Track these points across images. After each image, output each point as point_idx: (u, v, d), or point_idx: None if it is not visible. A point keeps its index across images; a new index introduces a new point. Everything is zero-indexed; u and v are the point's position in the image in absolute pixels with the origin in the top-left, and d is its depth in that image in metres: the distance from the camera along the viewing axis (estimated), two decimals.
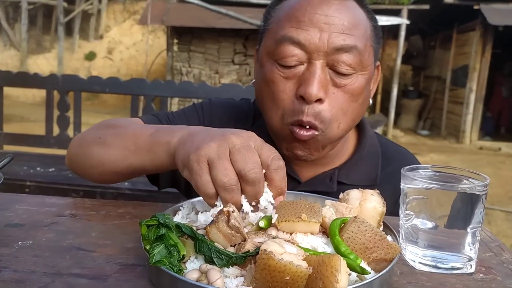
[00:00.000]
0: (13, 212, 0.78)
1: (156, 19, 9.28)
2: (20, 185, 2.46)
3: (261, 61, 0.86)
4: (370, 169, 0.94)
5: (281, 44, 0.79)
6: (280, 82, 0.81)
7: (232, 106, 1.04)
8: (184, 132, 0.70)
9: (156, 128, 0.78)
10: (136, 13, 15.61)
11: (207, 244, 0.53)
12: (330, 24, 0.77)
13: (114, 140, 0.81)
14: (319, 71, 0.78)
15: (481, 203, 0.60)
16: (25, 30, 13.42)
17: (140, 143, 0.76)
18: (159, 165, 0.74)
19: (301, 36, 0.77)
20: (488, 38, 9.09)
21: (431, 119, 11.30)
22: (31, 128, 6.05)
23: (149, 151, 0.75)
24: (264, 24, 0.88)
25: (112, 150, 0.80)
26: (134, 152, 0.77)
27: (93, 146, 0.84)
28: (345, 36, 0.77)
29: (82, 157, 0.87)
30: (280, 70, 0.80)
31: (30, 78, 3.15)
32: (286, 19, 0.80)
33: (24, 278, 0.55)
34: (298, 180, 0.92)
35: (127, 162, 0.78)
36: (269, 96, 0.83)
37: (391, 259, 0.55)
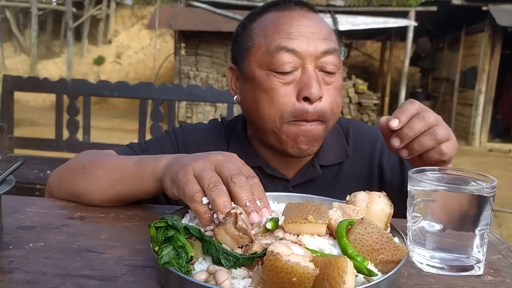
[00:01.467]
0: (24, 214, 0.79)
1: (163, 24, 9.35)
2: (30, 188, 2.49)
3: (250, 75, 0.93)
4: (339, 146, 1.04)
5: (276, 53, 0.88)
6: (280, 88, 0.89)
7: (203, 130, 1.10)
8: (170, 158, 0.78)
9: (140, 157, 0.84)
10: (144, 17, 15.75)
11: (215, 245, 0.54)
12: (314, 32, 0.89)
13: (99, 171, 0.85)
14: (314, 73, 0.88)
15: (489, 205, 0.60)
16: (35, 36, 13.60)
17: (126, 171, 0.81)
18: (147, 190, 0.79)
19: (294, 45, 0.88)
20: (497, 39, 9.01)
21: None
22: (41, 132, 6.12)
23: (135, 177, 0.80)
24: (244, 42, 0.95)
25: (97, 180, 0.84)
26: (121, 180, 0.81)
27: (77, 176, 0.87)
28: (327, 42, 0.90)
29: (65, 188, 0.88)
30: (278, 77, 0.89)
31: (40, 83, 3.19)
32: (276, 32, 0.90)
33: (35, 279, 0.56)
34: (287, 179, 1.01)
35: (114, 190, 0.82)
36: (268, 103, 0.90)
37: (398, 260, 0.55)
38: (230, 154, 0.70)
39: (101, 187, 0.83)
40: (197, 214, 0.62)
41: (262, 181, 0.98)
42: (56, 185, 0.91)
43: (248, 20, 0.98)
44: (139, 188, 0.80)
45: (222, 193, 0.61)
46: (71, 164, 0.93)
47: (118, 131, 8.72)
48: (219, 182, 0.62)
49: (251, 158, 1.00)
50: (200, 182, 0.64)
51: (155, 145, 1.05)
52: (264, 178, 1.00)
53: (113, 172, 0.83)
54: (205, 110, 9.70)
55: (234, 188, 0.62)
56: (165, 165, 0.75)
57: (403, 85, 9.83)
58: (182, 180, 0.65)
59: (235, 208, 0.57)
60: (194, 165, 0.66)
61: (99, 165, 0.87)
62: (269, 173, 1.00)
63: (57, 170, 0.95)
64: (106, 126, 8.96)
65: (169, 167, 0.73)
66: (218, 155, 0.68)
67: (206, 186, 0.62)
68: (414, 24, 9.38)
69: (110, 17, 15.71)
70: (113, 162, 0.86)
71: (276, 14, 0.93)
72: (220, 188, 0.61)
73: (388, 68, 12.15)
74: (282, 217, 0.59)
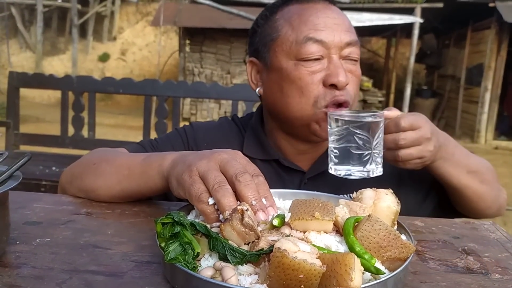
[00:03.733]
0: (31, 210, 0.79)
1: (168, 20, 9.34)
2: (36, 184, 2.50)
3: (277, 65, 0.94)
4: None
5: (305, 44, 0.91)
6: (307, 77, 0.91)
7: (213, 127, 1.11)
8: (175, 155, 0.77)
9: (147, 155, 0.85)
10: (148, 14, 15.75)
11: (221, 242, 0.54)
12: (338, 24, 0.93)
13: (107, 167, 0.86)
14: (339, 62, 0.92)
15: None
16: (40, 33, 13.64)
17: (133, 168, 0.82)
18: (153, 187, 0.79)
19: (322, 36, 0.91)
20: (504, 36, 8.92)
21: (445, 118, 11.15)
22: (47, 129, 6.15)
23: (142, 174, 0.80)
24: (268, 34, 0.97)
25: (105, 176, 0.85)
26: (128, 176, 0.82)
27: (87, 172, 0.89)
28: (349, 33, 0.93)
29: (76, 183, 0.90)
30: (306, 66, 0.91)
31: (46, 80, 3.21)
32: (302, 24, 0.92)
33: (42, 274, 0.56)
34: (303, 171, 1.01)
35: (121, 186, 0.83)
36: (297, 92, 0.92)
37: (406, 258, 0.54)
38: (234, 152, 0.70)
39: (109, 183, 0.84)
40: (204, 215, 0.62)
41: (280, 174, 1.02)
42: (69, 181, 0.93)
43: (270, 12, 1.00)
44: (145, 185, 0.80)
45: (227, 193, 0.61)
46: (83, 161, 0.94)
47: (122, 127, 8.75)
48: (224, 182, 0.62)
49: (267, 151, 1.02)
50: (205, 182, 0.63)
51: (165, 142, 1.05)
52: (281, 171, 1.01)
53: (120, 169, 0.84)
54: (209, 107, 9.70)
55: (239, 187, 0.61)
56: (170, 164, 0.75)
57: (409, 82, 9.78)
58: (188, 181, 0.65)
59: (242, 204, 0.57)
60: (198, 165, 0.66)
61: (108, 161, 0.88)
62: (286, 165, 1.01)
63: (70, 167, 0.96)
64: (111, 123, 8.98)
65: (174, 166, 0.73)
66: (222, 153, 0.68)
67: (211, 186, 0.62)
68: (420, 21, 9.32)
69: (115, 14, 15.72)
70: (121, 159, 0.87)
71: (300, 6, 0.96)
72: (225, 188, 0.61)
73: (393, 65, 12.09)
74: (289, 214, 0.59)
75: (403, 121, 0.82)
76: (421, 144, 0.83)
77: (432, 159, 0.87)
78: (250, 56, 1.03)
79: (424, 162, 0.85)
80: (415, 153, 0.83)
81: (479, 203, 0.95)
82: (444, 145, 0.89)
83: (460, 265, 0.64)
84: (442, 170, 0.90)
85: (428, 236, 0.75)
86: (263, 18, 1.00)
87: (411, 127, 0.82)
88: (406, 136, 0.82)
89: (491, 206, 0.97)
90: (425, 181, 1.01)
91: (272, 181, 0.99)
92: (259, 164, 0.69)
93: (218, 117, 1.20)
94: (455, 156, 0.91)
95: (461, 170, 0.92)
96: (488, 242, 0.73)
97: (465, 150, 0.96)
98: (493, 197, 0.98)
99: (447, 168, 0.90)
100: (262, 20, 1.00)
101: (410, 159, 0.83)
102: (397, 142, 0.82)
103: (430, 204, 1.02)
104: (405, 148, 0.82)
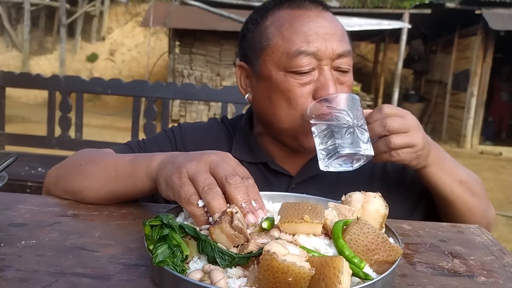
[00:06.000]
0: (16, 211, 0.78)
1: (158, 21, 9.30)
2: (21, 185, 2.46)
3: (266, 74, 0.92)
4: None
5: (297, 57, 0.88)
6: (297, 89, 0.89)
7: (202, 128, 1.09)
8: (164, 156, 0.76)
9: (135, 155, 0.84)
10: (138, 15, 15.66)
11: (210, 244, 0.54)
12: (330, 34, 0.90)
13: (94, 168, 0.85)
14: (330, 74, 0.90)
15: None
16: (27, 31, 13.46)
17: (120, 170, 0.81)
18: (141, 188, 0.78)
19: (313, 48, 0.88)
20: (490, 43, 9.09)
21: (432, 123, 11.30)
22: (33, 129, 6.06)
23: (129, 176, 0.79)
24: (259, 41, 0.93)
25: (92, 178, 0.84)
26: (115, 178, 0.81)
27: (73, 174, 0.87)
28: (342, 43, 0.91)
29: (62, 185, 0.88)
30: (296, 78, 0.89)
31: (32, 79, 3.16)
32: (293, 34, 0.89)
33: (27, 277, 0.55)
34: (290, 175, 1.01)
35: (108, 187, 0.82)
36: (285, 103, 0.91)
37: (393, 261, 0.55)
38: (224, 154, 0.69)
39: (96, 184, 0.83)
40: (193, 217, 0.62)
41: (267, 177, 1.01)
42: (53, 182, 0.91)
43: (260, 16, 0.96)
44: (133, 187, 0.79)
45: (217, 195, 0.60)
46: (68, 162, 0.93)
47: (110, 129, 8.67)
48: (213, 185, 0.62)
49: (256, 154, 1.01)
50: (194, 184, 0.63)
51: (153, 143, 1.04)
52: (269, 174, 1.00)
53: (107, 170, 0.82)
54: (198, 109, 9.68)
55: (229, 189, 0.61)
56: (158, 165, 0.74)
57: (396, 87, 9.89)
58: (177, 183, 0.64)
59: (231, 207, 0.57)
60: (188, 167, 0.65)
61: (94, 162, 0.86)
62: (274, 168, 1.00)
63: (55, 168, 0.94)
64: (99, 124, 8.89)
65: (162, 167, 0.72)
66: (211, 155, 0.67)
67: (201, 188, 0.61)
68: (408, 26, 9.44)
69: (104, 14, 15.60)
70: (108, 160, 0.85)
71: (291, 12, 0.92)
72: (215, 190, 0.61)
73: (381, 69, 12.22)
74: (278, 217, 0.59)
75: (386, 107, 0.84)
76: (409, 131, 0.83)
77: (425, 162, 0.87)
78: (240, 60, 1.01)
79: (417, 153, 0.84)
80: (407, 139, 0.82)
81: (469, 216, 0.94)
82: (434, 149, 0.89)
83: (447, 268, 0.65)
84: (436, 177, 0.89)
85: (415, 239, 0.76)
86: (253, 23, 0.97)
87: (396, 114, 0.83)
88: (393, 120, 0.82)
89: (480, 221, 0.94)
90: (414, 192, 1.01)
91: (259, 184, 0.96)
92: (246, 167, 0.68)
93: (207, 119, 1.18)
94: (447, 162, 0.91)
95: (454, 179, 0.91)
96: (474, 246, 0.74)
97: (454, 159, 0.96)
98: (483, 211, 0.96)
99: (441, 175, 0.89)
100: (252, 25, 0.97)
101: (403, 146, 0.83)
102: (384, 124, 0.82)
103: (418, 216, 1.01)
104: (395, 134, 0.82)
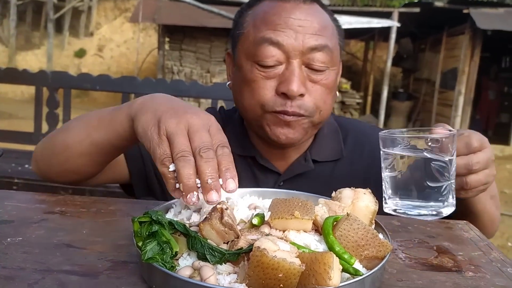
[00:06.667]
0: (2, 208, 0.77)
1: (147, 17, 9.22)
2: (7, 182, 2.42)
3: (239, 63, 0.92)
4: (334, 145, 1.03)
5: (260, 45, 0.86)
6: (261, 81, 0.87)
7: None
8: (145, 98, 0.74)
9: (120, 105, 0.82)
10: (127, 10, 15.50)
11: (200, 241, 0.53)
12: (304, 26, 0.85)
13: (77, 123, 0.85)
14: (297, 69, 0.85)
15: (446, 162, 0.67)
16: (13, 26, 13.24)
17: (103, 118, 0.80)
18: (122, 133, 0.76)
19: (279, 37, 0.84)
20: (477, 42, 9.20)
21: (420, 121, 11.40)
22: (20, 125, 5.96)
23: (111, 121, 0.78)
24: (237, 28, 0.95)
25: (75, 132, 0.84)
26: (97, 127, 0.80)
27: (57, 135, 0.88)
28: (317, 37, 0.86)
29: (46, 150, 0.89)
30: (260, 70, 0.87)
31: (19, 74, 3.11)
32: (263, 23, 0.87)
33: (13, 274, 0.54)
34: (278, 172, 0.99)
35: (90, 138, 0.81)
36: (249, 94, 0.89)
37: (383, 257, 0.55)
38: (207, 117, 0.66)
39: (78, 138, 0.82)
40: (164, 177, 0.61)
41: (254, 173, 0.99)
42: (39, 152, 0.91)
43: (246, 6, 0.96)
44: (113, 132, 0.77)
45: (188, 165, 0.59)
46: (54, 131, 0.93)
47: None
48: (188, 153, 0.60)
49: (245, 147, 1.00)
50: (170, 145, 0.62)
51: None
52: (256, 170, 0.99)
53: (90, 122, 0.82)
54: None
55: (199, 162, 0.59)
56: (139, 105, 0.72)
57: (385, 85, 9.95)
58: (155, 139, 0.63)
59: (221, 203, 0.57)
60: (168, 124, 0.63)
61: (78, 119, 0.87)
62: (262, 163, 0.99)
63: (42, 139, 0.94)
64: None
65: (143, 111, 0.69)
66: (194, 116, 0.65)
67: (175, 153, 0.60)
68: (397, 25, 9.50)
69: (92, 9, 15.41)
70: (92, 114, 0.85)
71: (270, 4, 0.90)
72: (188, 159, 0.59)
73: (371, 67, 12.28)
74: (268, 213, 0.59)
75: (475, 140, 0.72)
76: (488, 168, 0.74)
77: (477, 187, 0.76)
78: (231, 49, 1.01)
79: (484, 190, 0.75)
80: (483, 179, 0.73)
81: (489, 228, 0.90)
82: None
83: (435, 264, 0.65)
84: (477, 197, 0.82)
85: (404, 235, 0.76)
86: (239, 12, 0.98)
87: (481, 147, 0.72)
88: (479, 159, 0.71)
89: (493, 233, 0.91)
90: None
91: (246, 179, 0.97)
92: (235, 159, 0.67)
93: None
94: None
95: (487, 195, 0.85)
96: (462, 241, 0.75)
97: None
98: (498, 223, 0.93)
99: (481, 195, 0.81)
100: (238, 14, 0.98)
101: (478, 186, 0.73)
102: (471, 167, 0.71)
103: None
104: (475, 173, 0.72)
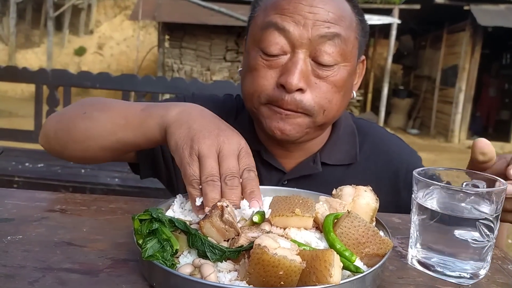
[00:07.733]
0: (2, 206, 0.77)
1: (147, 15, 9.20)
2: (8, 180, 2.43)
3: (248, 49, 0.87)
4: (349, 148, 0.97)
5: (266, 30, 0.80)
6: (262, 69, 0.82)
7: (214, 101, 1.05)
8: (180, 109, 0.74)
9: (147, 104, 0.80)
10: (127, 8, 15.47)
11: (201, 238, 0.53)
12: (315, 13, 0.78)
13: (101, 115, 0.82)
14: (301, 61, 0.79)
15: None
16: (13, 24, 13.22)
17: (131, 117, 0.78)
18: (151, 138, 0.77)
19: (285, 23, 0.78)
20: (478, 39, 9.18)
21: (420, 118, 11.40)
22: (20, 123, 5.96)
23: (141, 124, 0.77)
24: (251, 11, 0.90)
25: (99, 124, 0.81)
26: (124, 126, 0.78)
27: (77, 120, 0.83)
28: (329, 25, 0.78)
29: (63, 132, 0.85)
30: (264, 58, 0.81)
31: (19, 73, 3.11)
32: (272, 7, 0.82)
33: (13, 273, 0.54)
34: (283, 170, 0.95)
35: (116, 136, 0.79)
36: (250, 82, 0.84)
37: (384, 254, 0.55)
38: (237, 141, 0.69)
39: (103, 132, 0.80)
40: (190, 196, 0.65)
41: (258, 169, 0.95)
42: (53, 130, 0.87)
43: None
44: (143, 137, 0.77)
45: (215, 189, 0.63)
46: (70, 109, 0.88)
47: None
48: (216, 178, 0.64)
49: (251, 141, 0.95)
50: (201, 166, 0.65)
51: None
52: (261, 166, 0.95)
53: (116, 118, 0.80)
54: None
55: (224, 189, 0.63)
56: (174, 118, 0.73)
57: (386, 82, 9.94)
58: (186, 158, 0.66)
59: (222, 201, 0.57)
60: (200, 146, 0.66)
61: (102, 110, 0.83)
62: (266, 159, 0.94)
63: (55, 115, 0.90)
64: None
65: (177, 125, 0.71)
66: (226, 140, 0.67)
67: (204, 176, 0.64)
68: (398, 22, 9.48)
69: (92, 7, 15.38)
70: (117, 108, 0.82)
71: None
72: (216, 185, 0.63)
73: (371, 65, 12.26)
74: (269, 210, 0.59)
75: None
76: None
77: None
78: None
79: None
80: None
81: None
82: None
83: None
84: None
85: (405, 232, 0.76)
86: None
87: None
88: None
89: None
90: None
91: None
92: None
93: None
94: None
95: None
96: None
97: None
98: None
99: None
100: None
101: None
102: None
103: None
104: None
